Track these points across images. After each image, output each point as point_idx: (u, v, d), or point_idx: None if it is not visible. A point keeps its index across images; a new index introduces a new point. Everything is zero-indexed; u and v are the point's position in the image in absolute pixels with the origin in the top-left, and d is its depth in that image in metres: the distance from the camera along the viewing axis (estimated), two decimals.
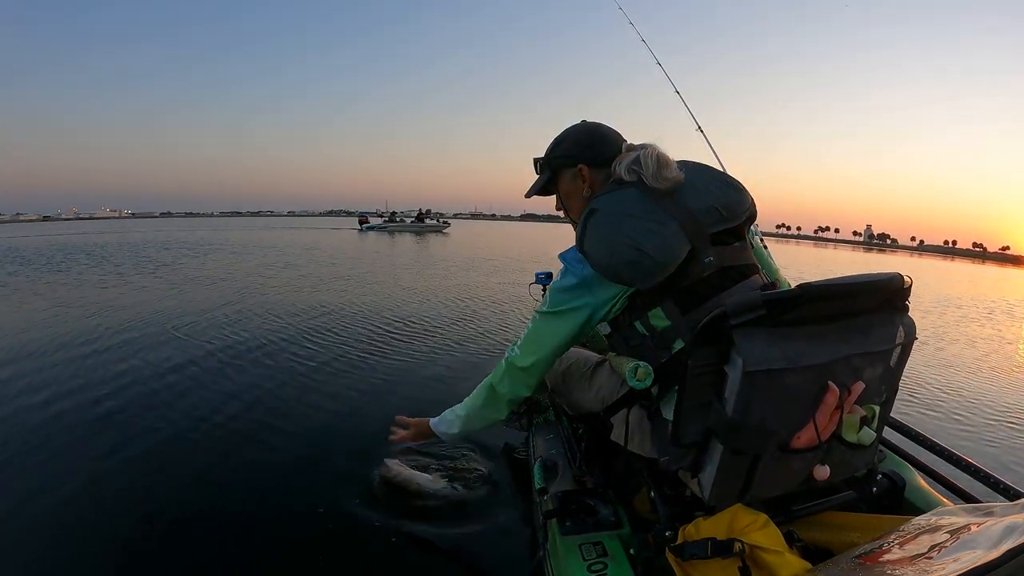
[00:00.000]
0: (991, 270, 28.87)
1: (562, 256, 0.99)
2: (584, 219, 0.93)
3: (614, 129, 1.09)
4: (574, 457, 1.36)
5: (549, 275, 2.43)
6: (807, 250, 39.65)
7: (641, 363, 0.88)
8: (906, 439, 1.18)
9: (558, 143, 1.09)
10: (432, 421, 1.26)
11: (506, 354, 1.08)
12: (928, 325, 6.42)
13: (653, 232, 0.86)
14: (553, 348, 1.00)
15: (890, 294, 0.82)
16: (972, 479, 1.03)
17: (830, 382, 0.78)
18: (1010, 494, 0.94)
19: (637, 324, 0.94)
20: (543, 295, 2.56)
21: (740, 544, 0.79)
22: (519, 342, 1.05)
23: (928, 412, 3.15)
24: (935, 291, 11.15)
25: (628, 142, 1.04)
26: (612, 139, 1.06)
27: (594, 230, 0.91)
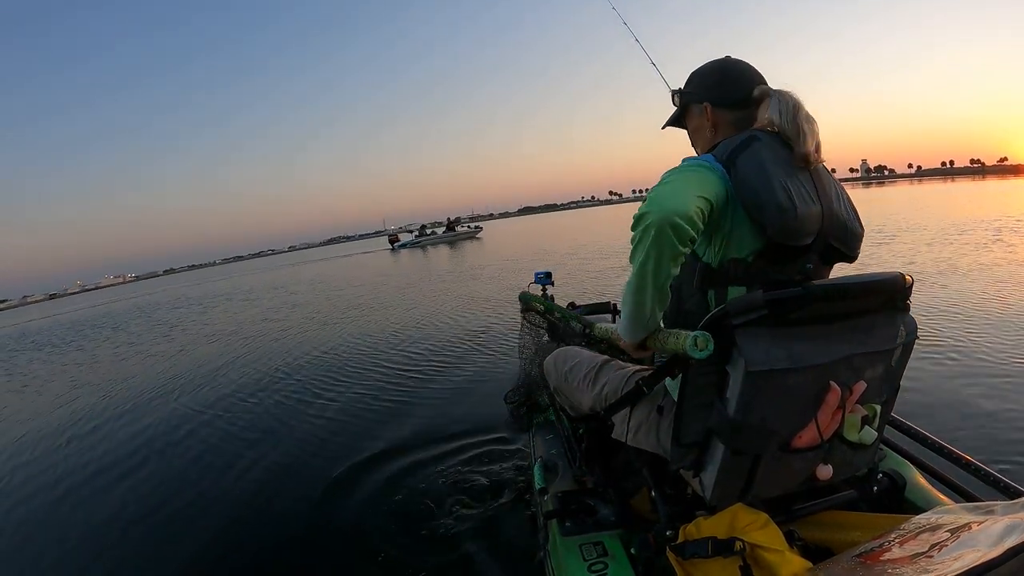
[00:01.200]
0: (991, 185, 26.46)
1: (688, 159, 0.89)
2: (745, 140, 0.86)
3: (753, 69, 0.98)
4: (574, 457, 1.36)
5: (548, 275, 2.40)
6: None
7: (698, 332, 0.78)
8: (907, 438, 1.18)
9: (691, 77, 1.03)
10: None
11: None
12: (935, 259, 6.04)
13: (804, 201, 0.82)
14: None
15: (892, 293, 0.82)
16: (973, 477, 1.03)
17: (832, 382, 0.78)
18: (1010, 492, 0.94)
19: (710, 294, 0.88)
20: (542, 295, 2.54)
21: (741, 543, 0.79)
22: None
23: (948, 360, 2.93)
24: (939, 219, 10.51)
25: (764, 86, 0.95)
26: (745, 80, 0.96)
27: (755, 155, 0.83)
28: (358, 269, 19.54)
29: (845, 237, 0.89)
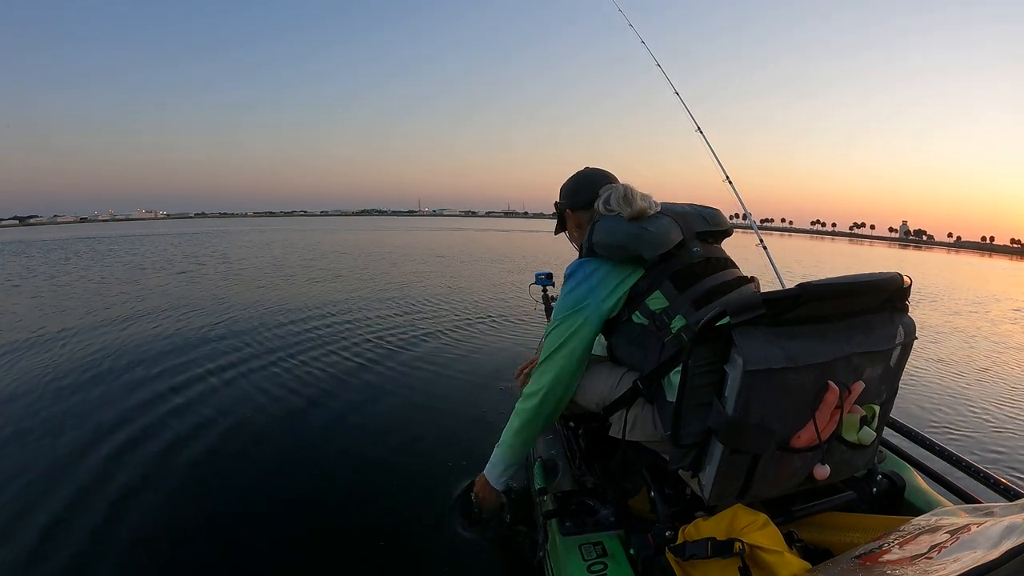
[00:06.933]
0: None
1: (567, 270, 1.13)
2: (593, 224, 1.10)
3: (602, 172, 1.25)
4: (574, 457, 1.36)
5: (549, 275, 2.42)
6: (843, 247, 36.38)
7: None
8: (906, 439, 1.18)
9: (560, 191, 1.31)
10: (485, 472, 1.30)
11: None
12: (968, 325, 5.97)
13: (650, 225, 1.03)
14: (576, 352, 1.07)
15: (890, 294, 0.81)
16: (972, 479, 1.03)
17: (830, 381, 0.78)
18: (1010, 494, 0.94)
19: (635, 316, 1.02)
20: (543, 296, 2.57)
21: (740, 544, 0.79)
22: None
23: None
24: (978, 291, 10.14)
25: (608, 185, 1.18)
26: (592, 185, 1.21)
27: (602, 224, 1.07)
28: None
29: (704, 221, 1.10)
